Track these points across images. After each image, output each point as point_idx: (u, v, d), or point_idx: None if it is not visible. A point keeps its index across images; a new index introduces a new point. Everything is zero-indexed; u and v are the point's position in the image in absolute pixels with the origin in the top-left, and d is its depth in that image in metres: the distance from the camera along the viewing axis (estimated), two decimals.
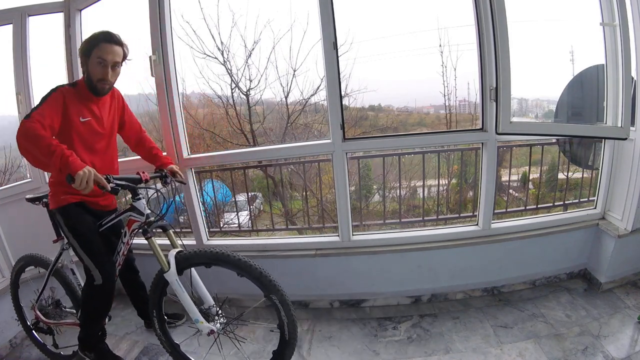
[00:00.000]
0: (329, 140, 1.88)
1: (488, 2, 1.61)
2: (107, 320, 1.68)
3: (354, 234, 2.01)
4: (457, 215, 3.72)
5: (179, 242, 1.56)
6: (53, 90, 1.44)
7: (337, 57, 1.77)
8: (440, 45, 4.64)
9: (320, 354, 1.70)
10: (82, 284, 1.66)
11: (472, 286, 2.02)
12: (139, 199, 1.48)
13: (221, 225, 4.46)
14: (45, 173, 2.16)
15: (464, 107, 5.13)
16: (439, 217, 3.47)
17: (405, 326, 1.85)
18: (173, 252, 1.48)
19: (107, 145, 1.64)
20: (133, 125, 1.80)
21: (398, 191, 4.19)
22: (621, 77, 1.72)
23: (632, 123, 1.78)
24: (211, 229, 2.56)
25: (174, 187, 1.69)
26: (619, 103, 1.76)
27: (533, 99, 3.12)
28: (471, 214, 3.39)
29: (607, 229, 1.89)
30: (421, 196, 4.56)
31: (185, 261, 1.47)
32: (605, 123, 1.84)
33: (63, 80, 2.09)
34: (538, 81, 2.26)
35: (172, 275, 1.45)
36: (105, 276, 1.51)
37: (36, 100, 2.04)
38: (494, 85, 1.69)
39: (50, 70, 2.14)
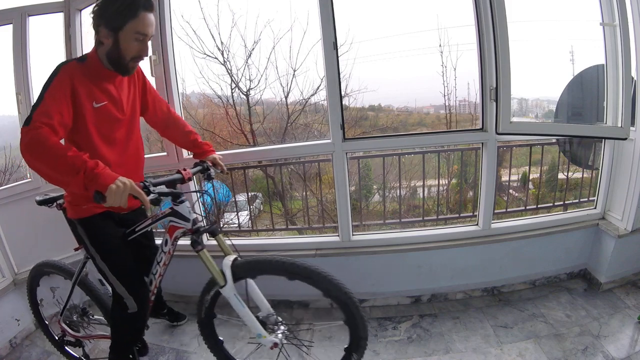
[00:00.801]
0: (329, 140, 1.88)
1: (488, 2, 1.61)
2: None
3: (354, 234, 2.01)
4: (457, 215, 3.72)
5: (229, 243, 1.31)
6: (55, 73, 1.13)
7: (337, 57, 1.76)
8: (440, 45, 4.64)
9: (320, 353, 1.70)
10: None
11: (472, 286, 2.02)
12: (182, 201, 1.24)
13: (221, 225, 4.46)
14: None
15: (464, 107, 5.13)
16: (439, 217, 3.47)
17: (405, 326, 1.85)
18: (227, 261, 1.24)
19: (129, 133, 1.34)
20: (159, 105, 1.50)
21: (398, 191, 4.19)
22: (621, 77, 1.72)
23: (632, 123, 1.78)
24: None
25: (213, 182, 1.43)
26: (619, 103, 1.76)
27: (533, 99, 3.12)
28: (471, 214, 3.39)
29: (607, 229, 1.89)
30: (421, 196, 4.56)
31: (248, 272, 1.25)
32: (605, 123, 1.84)
33: None
34: (538, 81, 2.26)
35: (229, 290, 1.23)
36: (140, 303, 1.32)
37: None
38: (494, 85, 1.69)
39: (50, 70, 2.13)
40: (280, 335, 1.29)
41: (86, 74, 1.17)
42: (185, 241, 1.35)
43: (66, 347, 1.73)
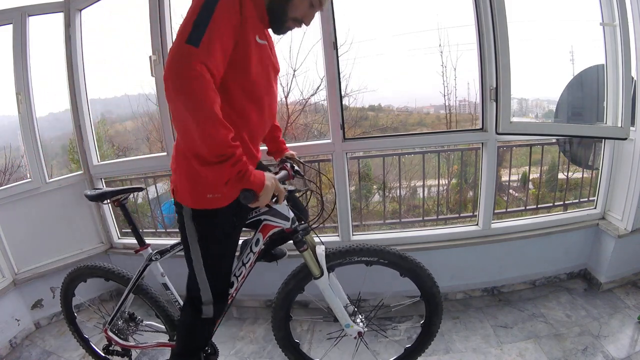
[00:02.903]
0: (329, 140, 1.88)
1: (488, 2, 1.61)
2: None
3: (354, 234, 2.01)
4: (457, 215, 3.70)
5: (316, 238, 1.28)
6: None
7: (337, 57, 1.77)
8: (440, 45, 4.64)
9: (320, 354, 1.69)
10: (180, 301, 1.44)
11: (472, 286, 2.02)
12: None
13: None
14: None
15: (464, 107, 5.12)
16: (439, 217, 3.45)
17: (405, 326, 1.84)
18: (321, 252, 1.23)
19: (276, 97, 1.17)
20: None
21: (398, 191, 4.18)
22: (621, 77, 1.72)
23: (632, 123, 1.78)
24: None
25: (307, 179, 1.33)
26: (619, 103, 1.76)
27: (533, 99, 3.12)
28: (471, 214, 3.37)
29: (607, 229, 1.89)
30: (421, 196, 4.56)
31: (341, 260, 1.27)
32: (605, 123, 1.84)
33: (63, 81, 2.09)
34: (538, 81, 2.26)
35: (324, 281, 1.23)
36: (217, 312, 1.20)
37: (37, 100, 2.03)
38: (494, 85, 1.69)
39: (50, 70, 2.14)
40: (361, 324, 1.33)
41: (251, 2, 0.96)
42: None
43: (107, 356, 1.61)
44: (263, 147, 1.53)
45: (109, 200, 1.43)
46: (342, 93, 1.88)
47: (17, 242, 2.04)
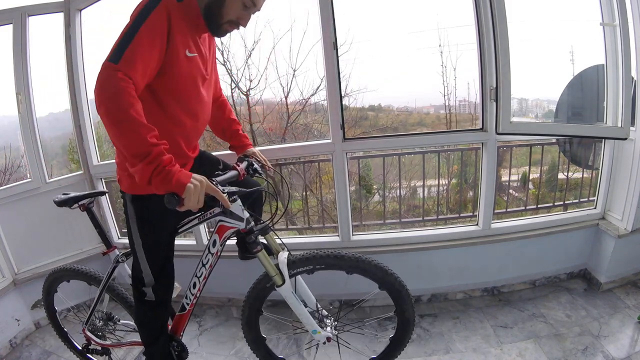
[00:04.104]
0: (329, 140, 1.88)
1: (488, 2, 1.61)
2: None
3: (354, 234, 2.01)
4: (457, 215, 3.71)
5: (279, 241, 1.25)
6: (153, 5, 0.94)
7: (337, 57, 1.77)
8: (440, 45, 4.64)
9: (321, 354, 1.70)
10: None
11: (472, 286, 2.02)
12: (235, 199, 1.13)
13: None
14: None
15: (464, 107, 5.13)
16: (439, 217, 3.47)
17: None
18: (283, 259, 1.20)
19: (208, 97, 1.20)
20: (216, 83, 1.37)
21: (398, 191, 4.19)
22: (621, 77, 1.72)
23: (632, 123, 1.78)
24: (210, 229, 2.56)
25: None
26: (619, 103, 1.76)
27: (533, 99, 3.12)
28: (471, 214, 3.39)
29: (607, 229, 1.89)
30: (421, 196, 4.56)
31: (304, 268, 1.22)
32: (605, 123, 1.84)
33: (63, 81, 2.09)
34: (538, 81, 2.26)
35: (287, 289, 1.19)
36: (159, 297, 1.26)
37: (37, 100, 2.04)
38: (494, 85, 1.69)
39: (50, 70, 2.14)
40: (329, 329, 1.30)
41: (183, 17, 1.02)
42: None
43: (90, 356, 1.65)
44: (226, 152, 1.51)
45: (77, 205, 1.44)
46: (342, 93, 1.89)
47: (17, 242, 2.04)
